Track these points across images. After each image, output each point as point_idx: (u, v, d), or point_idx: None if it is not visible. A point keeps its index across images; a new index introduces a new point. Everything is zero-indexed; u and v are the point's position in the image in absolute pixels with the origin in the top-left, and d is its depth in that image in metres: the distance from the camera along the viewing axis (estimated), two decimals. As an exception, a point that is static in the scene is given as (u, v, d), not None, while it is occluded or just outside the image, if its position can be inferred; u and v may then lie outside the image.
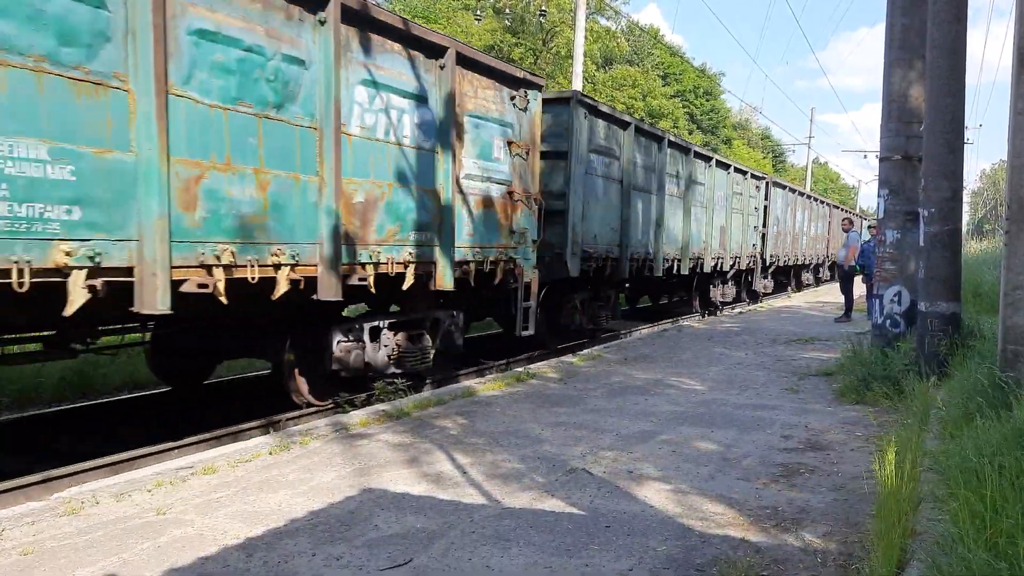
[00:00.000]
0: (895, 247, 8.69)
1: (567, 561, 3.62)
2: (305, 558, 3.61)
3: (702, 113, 55.01)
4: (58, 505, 4.20)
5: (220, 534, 3.87)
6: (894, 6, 8.64)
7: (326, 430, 5.94)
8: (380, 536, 3.89)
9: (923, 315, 7.45)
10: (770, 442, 5.89)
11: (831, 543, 3.87)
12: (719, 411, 6.95)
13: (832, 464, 5.31)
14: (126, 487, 4.51)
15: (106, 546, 3.69)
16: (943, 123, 7.24)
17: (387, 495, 4.51)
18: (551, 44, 34.26)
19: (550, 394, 7.59)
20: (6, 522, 3.94)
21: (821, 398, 7.65)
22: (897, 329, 8.62)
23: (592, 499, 4.50)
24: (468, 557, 3.66)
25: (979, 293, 12.66)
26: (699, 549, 3.78)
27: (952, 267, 7.38)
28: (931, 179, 7.37)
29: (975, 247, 30.21)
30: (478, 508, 4.33)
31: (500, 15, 33.17)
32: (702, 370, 9.24)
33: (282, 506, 4.29)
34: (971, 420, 4.60)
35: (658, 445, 5.73)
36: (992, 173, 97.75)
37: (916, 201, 8.26)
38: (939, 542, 3.16)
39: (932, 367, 7.12)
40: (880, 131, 8.91)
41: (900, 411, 6.52)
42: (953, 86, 7.21)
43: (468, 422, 6.33)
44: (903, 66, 8.56)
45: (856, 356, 8.46)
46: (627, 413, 6.77)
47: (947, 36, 7.17)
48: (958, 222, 7.46)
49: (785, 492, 4.69)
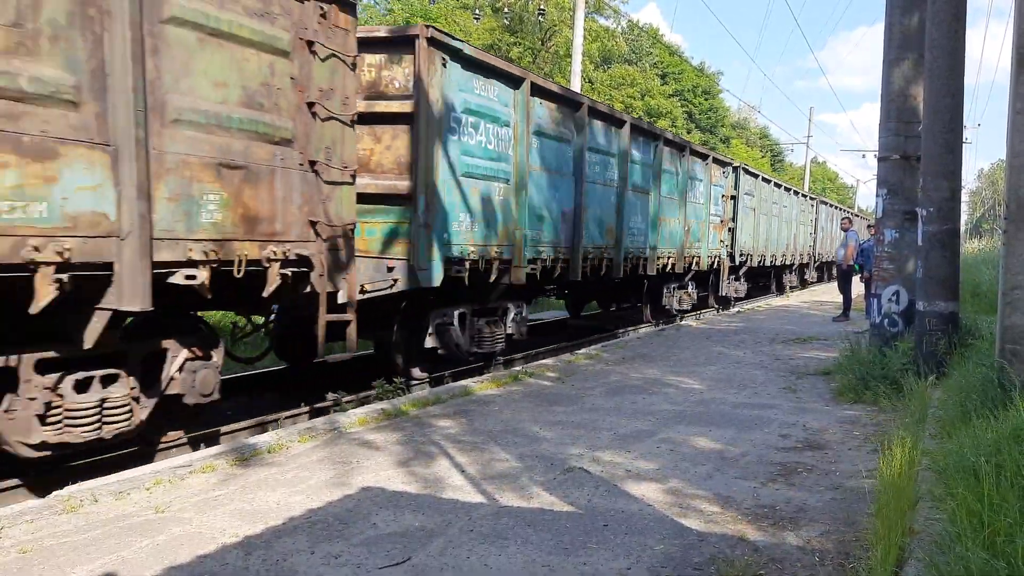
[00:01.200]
0: (893, 246, 8.70)
1: (565, 560, 3.63)
2: (303, 556, 3.61)
3: (700, 112, 55.06)
4: (57, 503, 4.19)
5: (219, 532, 3.87)
6: (893, 6, 8.65)
7: (324, 429, 5.94)
8: (378, 534, 3.89)
9: (921, 314, 7.46)
10: (768, 441, 5.90)
11: (829, 542, 3.88)
12: (717, 410, 6.95)
13: (830, 463, 5.32)
14: (125, 485, 4.51)
15: (105, 544, 3.69)
16: (942, 123, 7.24)
17: (385, 493, 4.51)
18: (550, 43, 34.28)
19: (548, 393, 7.59)
20: (5, 520, 3.93)
21: (819, 397, 7.66)
22: (895, 328, 8.63)
23: (590, 498, 4.50)
24: (466, 555, 3.66)
25: (977, 293, 12.70)
26: (697, 548, 3.79)
27: (951, 266, 7.38)
28: (930, 179, 7.38)
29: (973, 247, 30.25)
30: (476, 507, 4.33)
31: (499, 14, 33.15)
32: (700, 369, 9.25)
33: (280, 504, 4.29)
34: (969, 419, 4.61)
35: (656, 444, 5.74)
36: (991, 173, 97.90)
37: (915, 201, 8.27)
38: (937, 541, 3.17)
39: (930, 366, 7.13)
40: (879, 131, 8.92)
41: (898, 410, 6.53)
42: (952, 86, 7.22)
43: (466, 421, 6.33)
44: (902, 66, 8.56)
45: (854, 355, 8.46)
46: (625, 412, 6.78)
47: (946, 36, 7.17)
48: (957, 222, 7.47)
49: (783, 491, 4.70)
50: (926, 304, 7.40)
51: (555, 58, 34.28)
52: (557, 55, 34.22)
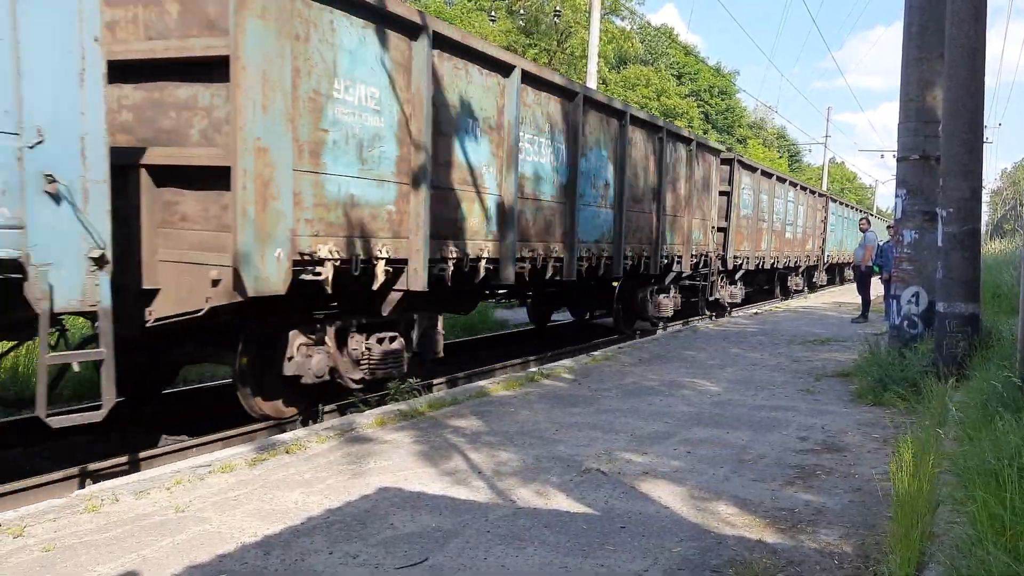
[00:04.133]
0: (913, 248, 8.63)
1: (582, 561, 3.63)
2: (322, 556, 3.64)
3: (717, 112, 54.86)
4: (78, 502, 4.24)
5: (238, 532, 3.91)
6: (912, 5, 8.58)
7: (342, 429, 5.97)
8: (396, 535, 3.91)
9: (941, 316, 7.39)
10: (786, 443, 5.87)
11: (848, 545, 3.86)
12: (734, 412, 6.92)
13: (849, 466, 5.28)
14: (145, 484, 4.56)
15: (126, 543, 3.73)
16: (962, 122, 7.18)
17: (402, 494, 4.53)
18: (565, 44, 34.26)
19: (564, 394, 7.59)
20: (28, 519, 3.99)
21: (838, 399, 7.61)
22: (915, 330, 8.56)
23: (607, 499, 4.50)
24: (483, 556, 3.67)
25: (998, 294, 12.55)
26: (714, 550, 3.78)
27: (971, 268, 7.31)
28: (949, 179, 7.31)
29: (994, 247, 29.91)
30: (493, 507, 4.34)
31: (514, 16, 33.18)
32: (717, 371, 9.21)
33: (299, 504, 4.32)
34: (990, 422, 4.57)
35: (673, 446, 5.72)
36: (1012, 172, 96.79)
37: (934, 201, 8.19)
38: (957, 545, 3.15)
39: (950, 369, 7.06)
40: (898, 130, 8.86)
41: (918, 413, 6.47)
42: (972, 85, 7.15)
43: (482, 422, 6.34)
44: (921, 65, 8.50)
45: (873, 357, 8.40)
46: (642, 414, 6.76)
47: (966, 35, 7.11)
48: (977, 222, 7.39)
49: (801, 493, 4.67)
50: (946, 306, 7.33)
51: (571, 59, 34.26)
52: (572, 56, 34.20)
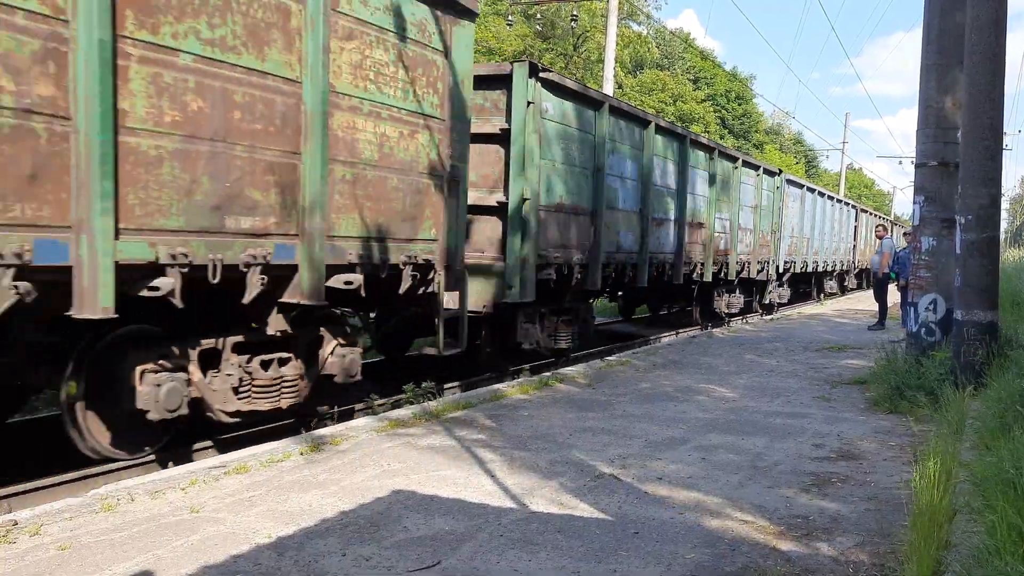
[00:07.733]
0: (931, 255, 8.56)
1: (596, 566, 3.62)
2: (335, 558, 3.65)
3: (734, 117, 54.68)
4: (94, 502, 4.28)
5: (252, 533, 3.92)
6: (931, 11, 8.53)
7: (355, 432, 5.99)
8: (409, 538, 3.92)
9: (959, 324, 7.32)
10: (801, 451, 5.83)
11: (863, 553, 3.82)
12: (750, 419, 6.89)
13: (865, 474, 5.24)
14: (161, 485, 4.59)
15: (141, 543, 3.76)
16: (981, 129, 7.12)
17: (416, 497, 4.54)
18: (581, 49, 34.28)
19: (578, 399, 7.57)
20: (44, 518, 4.02)
21: (854, 407, 7.55)
22: (932, 338, 8.49)
23: (621, 505, 4.49)
24: (496, 560, 3.67)
25: (1017, 302, 12.44)
26: (729, 557, 3.76)
27: (990, 275, 7.24)
28: (968, 185, 7.25)
29: (1014, 255, 29.63)
30: (506, 512, 4.34)
31: (531, 20, 33.24)
32: (732, 377, 9.17)
33: (313, 506, 4.34)
34: (1009, 431, 4.52)
35: (688, 452, 5.70)
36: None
37: (952, 208, 8.13)
38: (975, 555, 3.11)
39: (968, 377, 7.00)
40: (916, 137, 8.80)
41: (935, 421, 6.41)
42: (992, 91, 7.09)
43: (496, 426, 6.34)
44: (940, 71, 8.44)
45: (890, 365, 8.33)
46: (656, 419, 6.74)
47: (986, 40, 7.05)
48: (996, 229, 7.32)
49: (816, 501, 4.64)
50: (964, 313, 7.26)
51: (587, 63, 34.28)
52: (589, 60, 34.22)
